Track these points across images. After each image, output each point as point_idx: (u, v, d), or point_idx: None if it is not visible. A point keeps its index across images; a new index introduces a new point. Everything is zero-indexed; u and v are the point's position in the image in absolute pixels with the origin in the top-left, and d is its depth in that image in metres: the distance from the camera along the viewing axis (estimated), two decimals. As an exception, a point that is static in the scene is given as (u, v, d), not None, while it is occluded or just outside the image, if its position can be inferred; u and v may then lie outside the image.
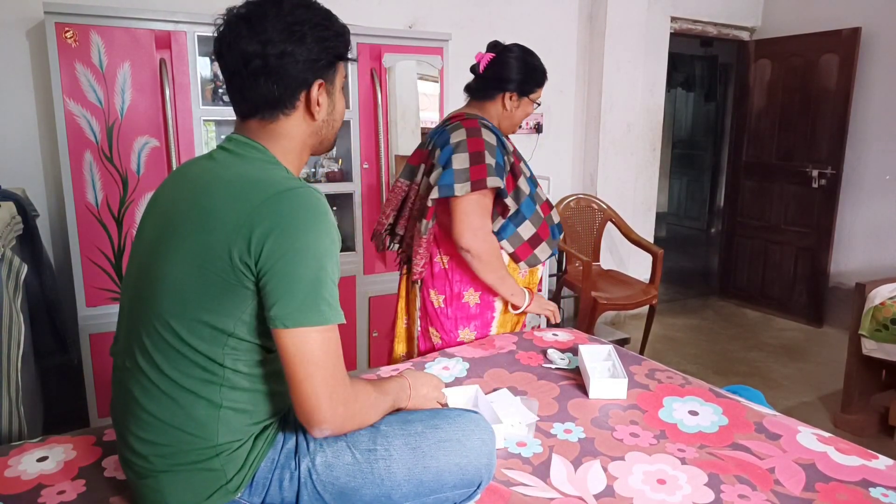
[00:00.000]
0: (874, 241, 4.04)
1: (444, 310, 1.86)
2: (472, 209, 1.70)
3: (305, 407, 0.95)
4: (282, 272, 0.92)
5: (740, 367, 3.52)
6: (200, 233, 0.95)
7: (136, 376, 0.99)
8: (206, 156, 1.09)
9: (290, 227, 0.93)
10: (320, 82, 1.05)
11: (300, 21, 1.01)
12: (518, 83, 1.81)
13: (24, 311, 1.90)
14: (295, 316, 0.92)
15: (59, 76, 2.26)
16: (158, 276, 0.98)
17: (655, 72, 4.21)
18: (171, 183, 1.09)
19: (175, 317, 0.95)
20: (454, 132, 1.74)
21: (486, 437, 1.15)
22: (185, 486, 0.99)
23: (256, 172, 1.00)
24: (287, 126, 1.06)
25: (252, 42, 0.99)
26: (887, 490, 1.16)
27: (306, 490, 1.02)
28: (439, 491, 1.09)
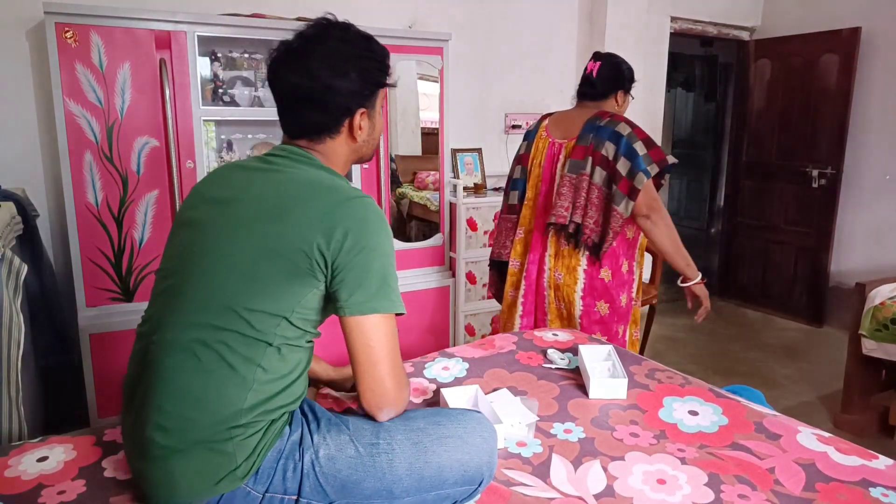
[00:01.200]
0: (874, 241, 4.04)
1: (611, 282, 2.10)
2: (651, 185, 2.00)
3: (377, 390, 1.08)
4: (359, 265, 1.04)
5: (740, 367, 3.52)
6: (276, 224, 1.04)
7: (178, 349, 1.03)
8: (259, 159, 1.18)
9: (366, 228, 1.06)
10: (362, 110, 1.17)
11: (344, 57, 1.12)
12: (626, 82, 2.15)
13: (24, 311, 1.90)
14: (369, 304, 1.05)
15: (59, 76, 2.26)
16: (225, 258, 1.05)
17: (655, 72, 4.21)
18: (228, 178, 1.17)
19: (240, 294, 1.03)
20: (617, 126, 2.00)
21: (487, 435, 1.16)
22: (196, 469, 1.00)
23: (327, 179, 1.12)
24: (331, 147, 1.18)
25: (299, 76, 1.12)
26: (887, 490, 1.16)
27: (308, 481, 1.04)
28: (440, 487, 1.10)
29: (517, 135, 3.85)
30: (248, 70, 2.76)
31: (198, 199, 1.17)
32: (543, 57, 3.86)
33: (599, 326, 2.13)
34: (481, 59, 3.64)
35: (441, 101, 3.09)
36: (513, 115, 3.81)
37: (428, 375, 1.64)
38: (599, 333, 2.12)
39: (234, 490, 1.02)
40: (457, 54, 3.42)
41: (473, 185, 3.49)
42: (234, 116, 2.71)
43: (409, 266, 3.10)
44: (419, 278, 3.13)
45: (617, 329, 2.14)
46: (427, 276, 3.16)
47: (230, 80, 2.71)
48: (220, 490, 1.01)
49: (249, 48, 2.76)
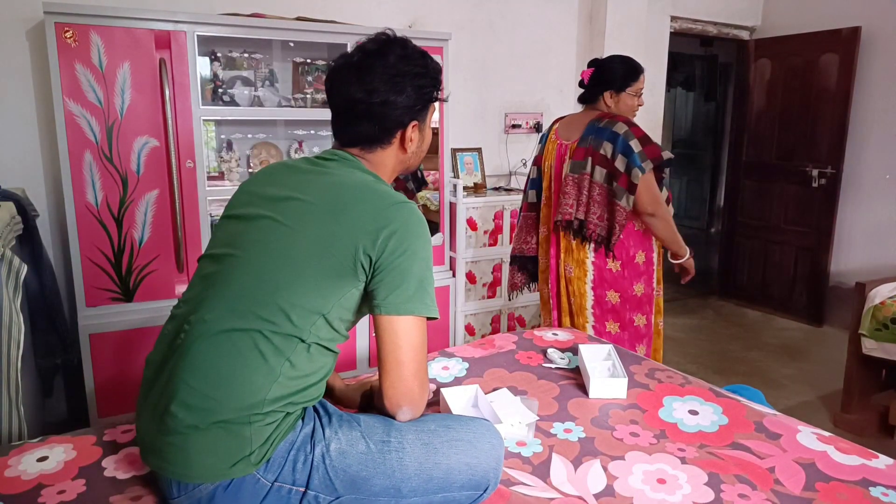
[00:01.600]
0: (874, 240, 4.04)
1: (620, 272, 2.23)
2: (652, 181, 2.11)
3: (401, 389, 1.11)
4: (399, 267, 1.08)
5: (740, 367, 3.52)
6: (330, 223, 1.09)
7: (215, 331, 1.06)
8: (309, 161, 1.23)
9: (409, 232, 1.10)
10: (414, 123, 1.23)
11: (402, 74, 1.17)
12: (612, 82, 2.23)
13: (24, 311, 1.90)
14: (404, 305, 1.08)
15: (59, 76, 2.26)
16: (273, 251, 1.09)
17: (655, 71, 4.21)
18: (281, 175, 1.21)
19: (286, 288, 1.06)
20: (614, 126, 2.13)
21: (495, 443, 1.17)
22: (213, 449, 1.02)
23: (376, 184, 1.17)
24: (382, 156, 1.24)
25: (359, 90, 1.17)
26: (887, 489, 1.17)
27: (318, 474, 1.05)
28: (448, 489, 1.10)
29: (517, 135, 3.85)
30: (248, 70, 2.76)
31: (251, 196, 1.21)
32: (543, 57, 3.86)
33: (612, 315, 2.28)
34: (481, 59, 3.64)
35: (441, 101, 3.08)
36: (513, 115, 3.81)
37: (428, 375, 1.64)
38: (612, 321, 2.27)
39: (245, 477, 1.03)
40: (457, 54, 3.42)
41: (473, 184, 3.49)
42: (234, 116, 2.71)
43: (409, 266, 3.10)
44: (419, 278, 3.12)
45: (631, 317, 2.27)
46: (427, 275, 3.16)
47: (230, 80, 2.71)
48: (234, 473, 1.02)
49: (249, 48, 2.76)
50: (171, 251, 2.53)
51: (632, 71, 2.24)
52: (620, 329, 2.26)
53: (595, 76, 2.26)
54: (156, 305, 2.49)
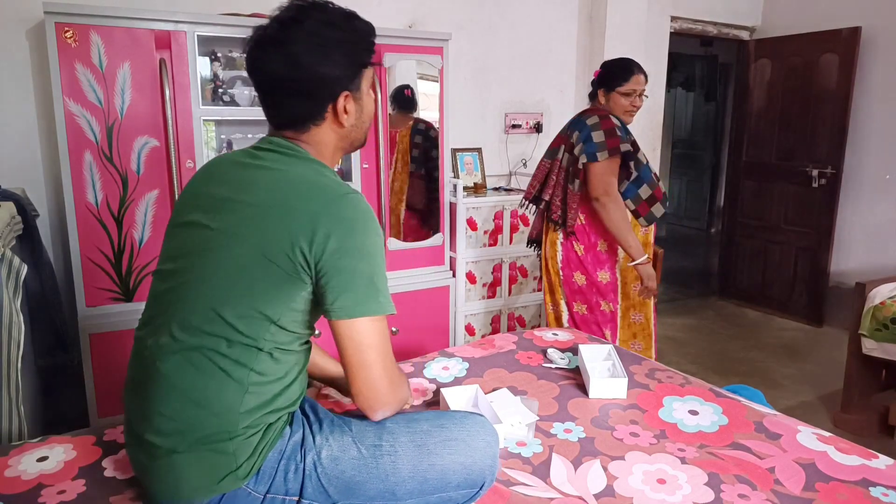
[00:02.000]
0: (874, 240, 4.04)
1: (584, 256, 2.37)
2: (606, 170, 2.24)
3: (369, 392, 1.05)
4: (344, 269, 1.01)
5: (740, 367, 3.52)
6: (267, 227, 1.02)
7: (173, 354, 1.02)
8: (247, 154, 1.14)
9: (349, 229, 1.02)
10: (346, 94, 1.11)
11: (325, 41, 1.07)
12: (603, 82, 2.36)
13: (24, 311, 1.90)
14: (357, 307, 1.02)
15: (59, 76, 2.26)
16: (215, 264, 1.04)
17: (655, 71, 4.20)
18: (214, 179, 1.14)
19: (231, 299, 1.01)
20: (590, 118, 2.31)
21: (490, 440, 1.16)
22: (198, 468, 1.00)
23: (310, 176, 1.08)
24: (318, 135, 1.14)
25: (281, 65, 1.06)
26: (887, 489, 1.16)
27: (311, 482, 1.04)
28: (443, 490, 1.10)
29: (517, 135, 3.85)
30: (248, 70, 2.75)
31: (192, 199, 1.14)
32: (543, 57, 3.86)
33: (579, 296, 2.42)
34: (481, 59, 3.64)
35: (441, 101, 3.09)
36: (513, 115, 3.81)
37: (428, 375, 1.64)
38: (580, 302, 2.41)
39: (236, 491, 1.01)
40: (457, 54, 3.42)
41: (473, 184, 3.49)
42: (234, 116, 2.71)
43: (409, 266, 3.10)
44: (419, 278, 3.13)
45: (598, 300, 2.40)
46: (427, 276, 3.16)
47: (230, 80, 2.71)
48: (222, 489, 1.01)
49: (249, 48, 2.75)
50: (171, 251, 2.53)
51: (623, 71, 2.33)
52: (588, 311, 2.41)
53: (597, 77, 2.41)
54: (156, 305, 2.49)
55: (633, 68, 2.33)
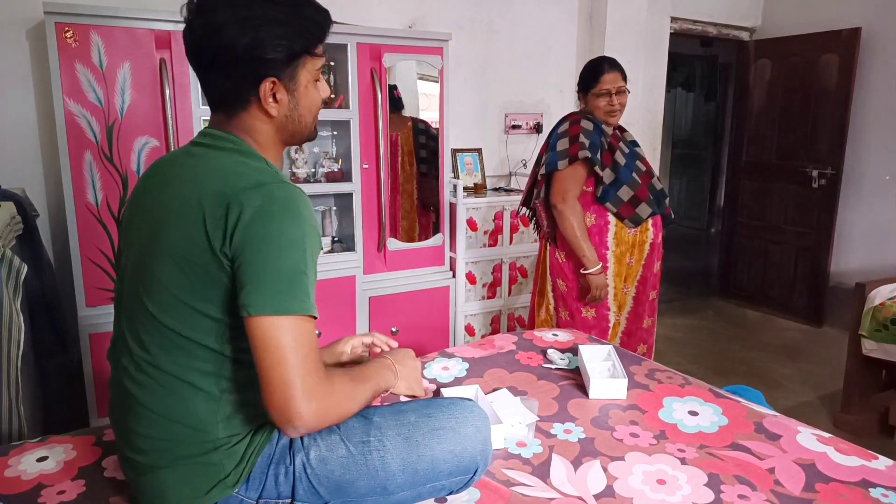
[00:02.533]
0: (874, 241, 4.04)
1: (566, 263, 2.33)
2: (566, 177, 2.22)
3: (277, 400, 0.91)
4: (251, 260, 0.92)
5: (740, 367, 3.52)
6: (183, 226, 0.95)
7: (134, 374, 1.00)
8: (183, 151, 1.08)
9: (260, 217, 0.92)
10: (272, 80, 1.01)
11: (253, 16, 0.97)
12: (579, 86, 2.37)
13: (24, 311, 1.90)
14: (263, 303, 0.91)
15: (59, 76, 2.26)
16: (150, 272, 0.98)
17: (655, 72, 4.21)
18: (151, 181, 1.08)
19: (170, 309, 0.96)
20: (562, 125, 2.31)
21: (479, 424, 1.15)
22: (185, 481, 0.99)
23: (234, 165, 1.00)
24: (247, 121, 1.04)
25: (201, 31, 0.98)
26: (887, 490, 1.16)
27: (301, 485, 1.03)
28: (435, 479, 1.09)
29: (517, 135, 3.85)
30: (248, 70, 2.75)
31: (132, 206, 1.10)
32: (543, 57, 3.86)
33: (561, 302, 2.40)
34: (481, 59, 3.64)
35: (441, 101, 3.09)
36: (513, 115, 3.81)
37: (428, 375, 1.64)
38: (562, 308, 2.39)
39: (227, 499, 1.01)
40: (457, 54, 3.42)
41: (473, 185, 3.49)
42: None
43: (409, 266, 3.10)
44: (419, 278, 3.13)
45: (578, 307, 2.35)
46: (427, 276, 3.16)
47: (230, 80, 2.71)
48: (212, 499, 1.00)
49: (249, 48, 2.75)
50: (171, 251, 2.53)
51: (592, 72, 2.29)
52: (570, 318, 2.37)
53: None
54: (156, 305, 2.49)
55: (602, 67, 2.27)
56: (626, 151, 2.31)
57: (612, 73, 2.26)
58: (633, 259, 2.32)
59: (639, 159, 2.34)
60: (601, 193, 2.24)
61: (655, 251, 2.36)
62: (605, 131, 2.27)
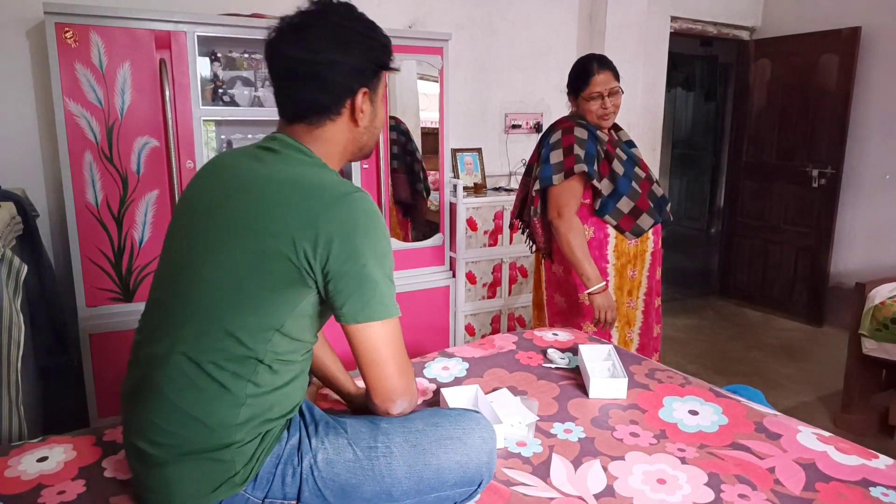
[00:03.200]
0: (874, 240, 4.04)
1: (564, 277, 2.25)
2: (562, 192, 2.09)
3: (385, 388, 1.07)
4: (349, 273, 0.99)
5: (740, 367, 3.52)
6: (259, 234, 0.99)
7: (168, 366, 1.01)
8: (247, 154, 1.11)
9: (352, 231, 0.99)
10: (365, 90, 1.10)
11: (347, 31, 1.07)
12: (568, 88, 2.21)
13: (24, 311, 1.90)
14: (364, 312, 1.02)
15: (59, 76, 2.26)
16: (209, 272, 1.01)
17: (655, 71, 4.21)
18: (211, 181, 1.11)
19: (230, 309, 0.99)
20: (553, 133, 2.16)
21: (486, 436, 1.15)
22: (194, 477, 0.99)
23: (311, 176, 1.05)
24: (332, 131, 1.11)
25: (301, 50, 1.05)
26: (887, 489, 1.16)
27: (307, 486, 1.03)
28: (440, 489, 1.09)
29: (517, 135, 3.85)
30: (248, 70, 2.76)
31: (188, 205, 1.12)
32: (543, 57, 3.86)
33: (559, 318, 2.30)
34: (481, 59, 3.64)
35: (441, 101, 3.09)
36: (513, 115, 3.81)
37: (428, 375, 1.64)
38: (559, 323, 2.29)
39: (233, 497, 1.01)
40: (457, 54, 3.42)
41: (473, 184, 3.49)
42: (234, 116, 2.71)
43: (409, 266, 3.10)
44: (419, 278, 3.13)
45: (579, 324, 2.23)
46: (427, 276, 3.16)
47: (230, 80, 2.71)
48: (218, 497, 1.00)
49: (249, 48, 2.76)
50: (171, 251, 2.53)
51: (580, 74, 2.14)
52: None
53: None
54: (156, 305, 2.49)
55: (592, 68, 2.11)
56: (624, 158, 2.17)
57: (603, 74, 2.10)
58: (637, 271, 2.21)
59: (637, 165, 2.21)
60: (599, 206, 2.11)
61: (657, 258, 2.27)
62: (599, 138, 2.13)
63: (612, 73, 2.12)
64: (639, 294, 2.25)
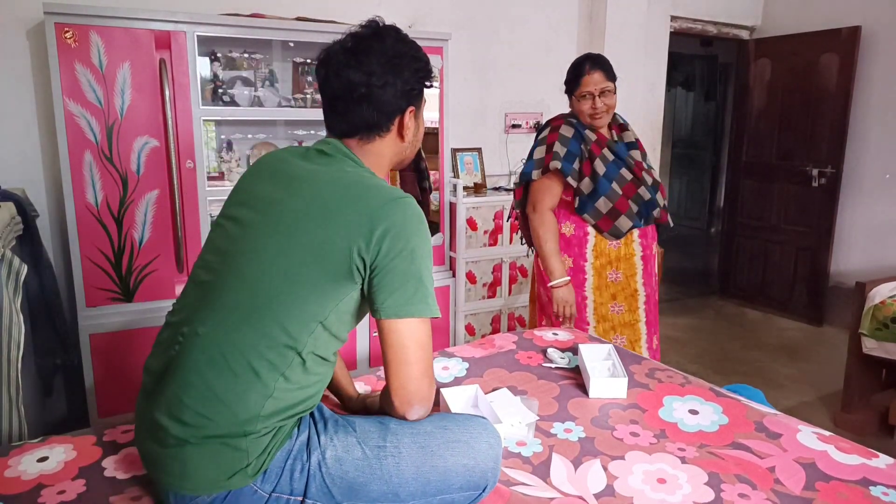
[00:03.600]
0: (874, 240, 4.04)
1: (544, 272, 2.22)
2: (539, 187, 2.17)
3: (407, 391, 1.08)
4: (396, 269, 1.04)
5: (740, 367, 3.52)
6: (321, 228, 1.05)
7: (208, 346, 1.03)
8: (300, 153, 1.19)
9: (404, 230, 1.05)
10: (412, 109, 1.19)
11: (399, 55, 1.15)
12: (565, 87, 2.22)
13: (24, 311, 1.90)
14: (405, 308, 1.05)
15: (59, 76, 2.26)
16: (268, 259, 1.05)
17: (655, 71, 4.21)
18: (270, 174, 1.17)
19: (278, 298, 1.03)
20: (544, 130, 2.23)
21: (493, 441, 1.16)
22: (210, 462, 1.01)
23: (370, 179, 1.12)
24: (380, 146, 1.19)
25: (358, 73, 1.13)
26: (887, 489, 1.16)
27: (315, 482, 1.04)
28: (446, 492, 1.10)
29: (517, 135, 3.85)
30: (248, 70, 2.76)
31: (246, 194, 1.17)
32: (543, 57, 3.86)
33: (542, 312, 2.33)
34: (481, 59, 3.64)
35: (441, 101, 3.09)
36: (513, 115, 3.81)
37: (428, 375, 1.64)
38: (544, 317, 2.31)
39: (242, 488, 1.02)
40: (457, 54, 3.42)
41: (473, 184, 3.49)
42: (234, 116, 2.71)
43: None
44: (419, 278, 3.12)
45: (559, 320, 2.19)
46: (427, 275, 3.16)
47: (230, 80, 2.71)
48: (231, 485, 1.01)
49: (249, 48, 2.76)
50: (171, 251, 2.53)
51: (573, 74, 2.17)
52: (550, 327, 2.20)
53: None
54: (156, 306, 2.49)
55: (583, 68, 2.12)
56: (610, 159, 2.15)
57: (595, 74, 2.10)
58: (620, 274, 2.19)
59: (627, 167, 2.17)
60: (579, 204, 2.13)
61: (650, 264, 2.24)
62: (585, 137, 2.14)
63: (605, 73, 2.12)
64: (638, 304, 2.23)
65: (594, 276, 2.20)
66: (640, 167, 2.22)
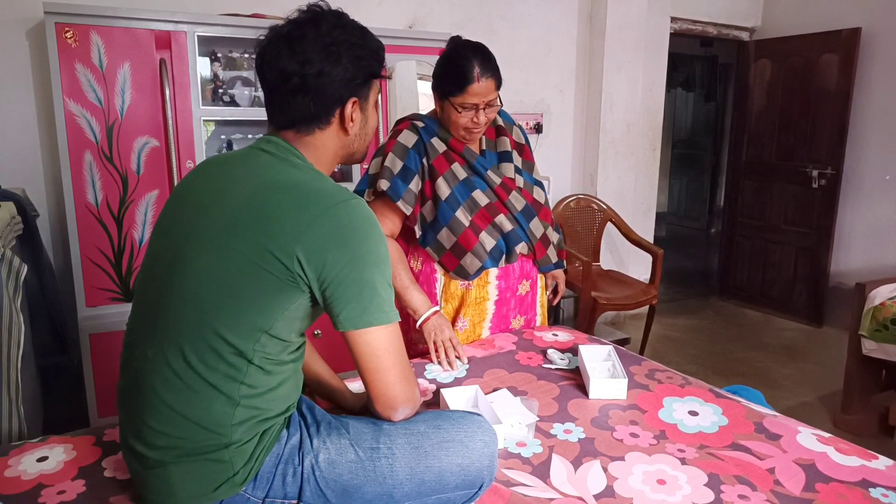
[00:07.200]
0: (874, 241, 4.04)
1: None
2: (375, 210, 1.65)
3: (388, 394, 1.07)
4: (347, 280, 0.99)
5: (740, 367, 3.52)
6: (259, 235, 0.97)
7: (159, 367, 0.99)
8: (241, 155, 1.11)
9: (349, 238, 0.99)
10: (354, 100, 1.11)
11: (337, 42, 1.07)
12: (433, 85, 1.67)
13: (24, 311, 1.90)
14: (364, 317, 1.01)
15: (59, 76, 2.26)
16: (202, 270, 0.99)
17: (655, 72, 4.21)
18: (206, 179, 1.09)
19: (219, 310, 0.97)
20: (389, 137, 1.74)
21: (488, 439, 1.15)
22: (194, 478, 0.99)
23: (311, 181, 1.04)
24: (321, 139, 1.12)
25: (291, 61, 1.05)
26: (887, 490, 1.16)
27: (308, 486, 1.03)
28: (441, 491, 1.09)
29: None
30: (248, 70, 2.76)
31: (177, 202, 1.10)
32: (543, 57, 3.86)
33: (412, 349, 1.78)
34: (481, 59, 3.64)
35: (441, 101, 3.08)
36: (512, 115, 3.80)
37: (428, 376, 1.64)
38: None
39: (233, 497, 1.01)
40: (457, 54, 3.42)
41: (473, 185, 3.49)
42: (234, 116, 2.71)
43: (409, 266, 3.10)
44: (419, 278, 3.13)
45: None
46: (427, 276, 3.16)
47: (230, 80, 2.71)
48: (219, 497, 1.00)
49: (249, 48, 2.76)
50: (171, 251, 2.53)
51: (456, 77, 1.59)
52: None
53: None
54: (156, 305, 2.49)
55: (471, 73, 1.57)
56: (461, 177, 1.69)
57: (486, 81, 1.58)
58: (467, 322, 1.81)
59: (488, 186, 1.72)
60: (420, 235, 1.72)
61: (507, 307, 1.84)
62: (430, 149, 1.68)
63: (496, 81, 1.62)
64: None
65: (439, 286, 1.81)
66: (510, 186, 1.77)
